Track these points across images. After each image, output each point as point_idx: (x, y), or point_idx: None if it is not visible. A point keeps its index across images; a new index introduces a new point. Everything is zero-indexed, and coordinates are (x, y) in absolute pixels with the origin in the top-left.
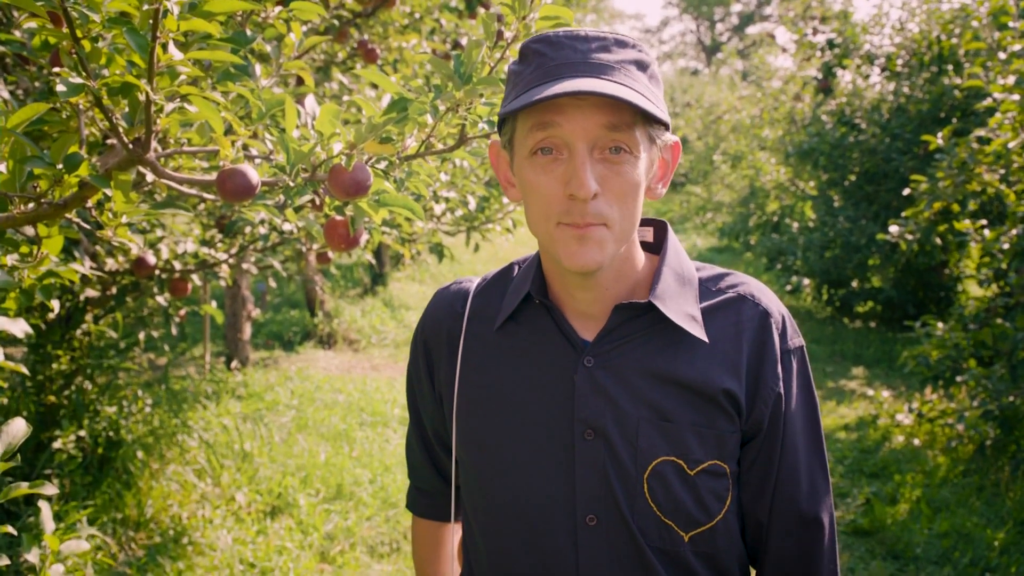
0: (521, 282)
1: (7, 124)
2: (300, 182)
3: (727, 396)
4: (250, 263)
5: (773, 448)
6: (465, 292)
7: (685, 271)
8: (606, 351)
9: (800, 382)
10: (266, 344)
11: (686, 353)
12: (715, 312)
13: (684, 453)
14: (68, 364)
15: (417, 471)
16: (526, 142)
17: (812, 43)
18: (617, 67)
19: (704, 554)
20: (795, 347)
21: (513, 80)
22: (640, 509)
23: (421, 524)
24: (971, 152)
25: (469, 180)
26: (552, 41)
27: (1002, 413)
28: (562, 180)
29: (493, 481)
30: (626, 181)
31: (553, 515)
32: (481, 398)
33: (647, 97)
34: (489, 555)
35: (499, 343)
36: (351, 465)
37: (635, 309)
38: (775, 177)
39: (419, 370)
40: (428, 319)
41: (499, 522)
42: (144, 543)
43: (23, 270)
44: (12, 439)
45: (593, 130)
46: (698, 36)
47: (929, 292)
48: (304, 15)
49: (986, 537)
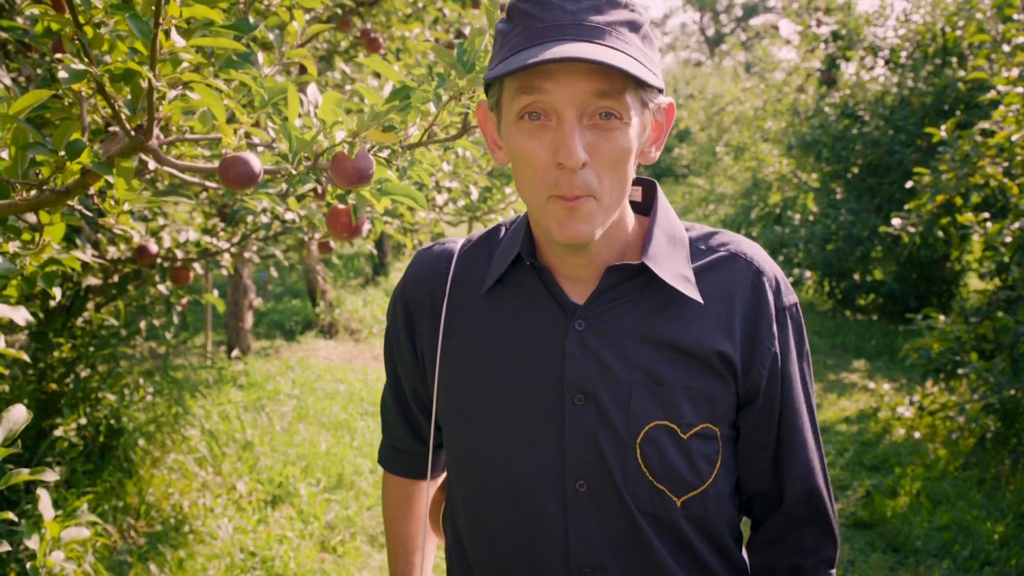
0: (509, 244)
1: (9, 111)
2: (303, 170)
3: (721, 358)
4: (252, 252)
5: (772, 408)
6: (449, 253)
7: (676, 232)
8: (597, 314)
9: (796, 340)
10: (267, 333)
11: (678, 315)
12: (707, 272)
13: (677, 417)
14: (69, 352)
15: (392, 429)
16: (512, 106)
17: (816, 35)
18: (609, 29)
19: (695, 519)
20: (790, 304)
21: (500, 40)
22: (632, 475)
23: (393, 480)
24: (974, 145)
25: (472, 170)
26: (540, 0)
27: (1003, 406)
28: (550, 148)
29: (480, 448)
30: (616, 148)
31: (542, 482)
32: (466, 363)
33: (640, 61)
34: (474, 521)
35: (486, 307)
36: (352, 455)
37: (627, 271)
38: (778, 169)
39: (398, 332)
40: (409, 280)
41: (486, 489)
42: (145, 531)
43: (25, 257)
44: (13, 425)
45: (582, 96)
46: (701, 27)
47: (931, 285)
48: (307, 3)
49: (986, 530)
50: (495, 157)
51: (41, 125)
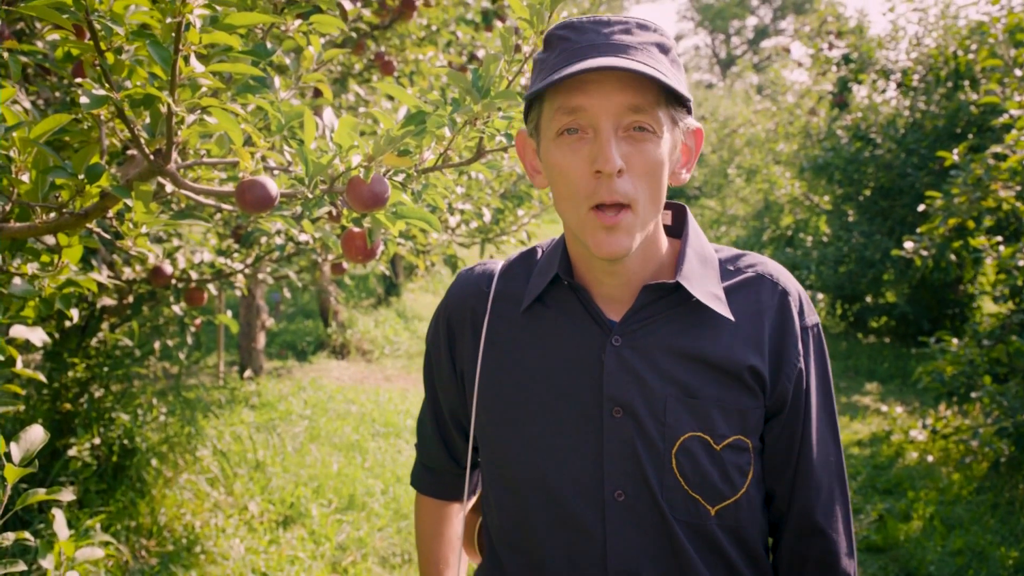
0: (547, 264)
1: (30, 135)
2: (319, 194)
3: (752, 373)
4: (265, 273)
5: (795, 422)
6: (490, 273)
7: (706, 252)
8: (633, 330)
9: (817, 359)
10: (279, 354)
11: (711, 332)
12: (736, 291)
13: (710, 429)
14: (84, 372)
15: (427, 447)
16: (552, 125)
17: (828, 58)
18: (639, 47)
19: (729, 527)
20: (812, 324)
21: (538, 67)
22: (668, 484)
23: (425, 502)
24: (987, 168)
25: (484, 192)
26: (576, 26)
27: (1016, 430)
28: (588, 159)
29: (519, 459)
30: (650, 159)
31: (581, 491)
32: (507, 378)
33: (669, 77)
34: (512, 531)
35: (525, 324)
36: (363, 476)
37: (662, 289)
38: (789, 191)
39: (440, 349)
40: (452, 298)
41: (525, 500)
42: (157, 551)
43: (43, 279)
44: (30, 446)
45: (616, 109)
46: (713, 49)
47: (944, 308)
48: (324, 28)
49: (1000, 555)
50: (534, 182)
51: (60, 148)
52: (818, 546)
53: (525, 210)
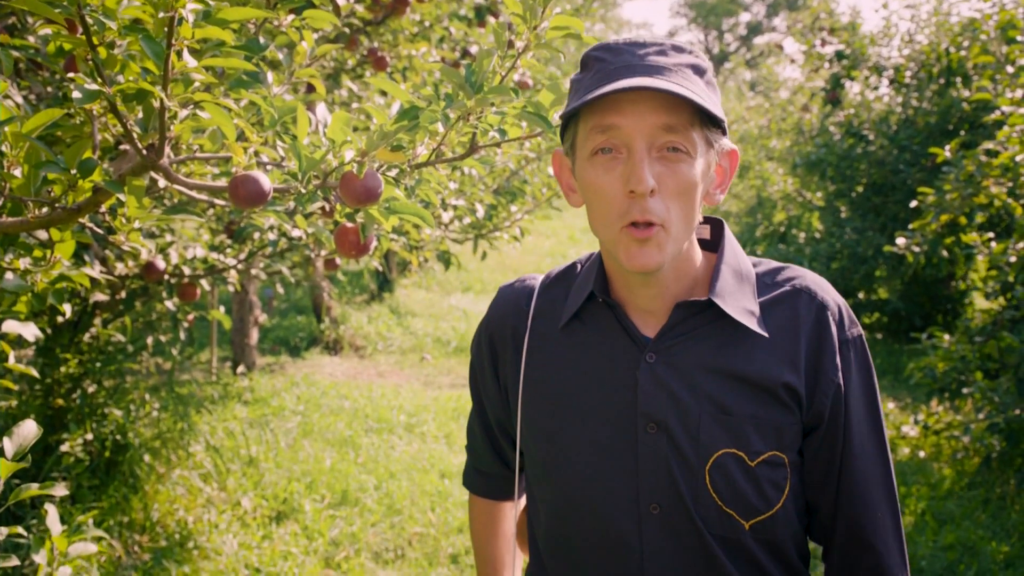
0: (584, 281)
1: (23, 129)
2: (311, 189)
3: (787, 389)
4: (258, 269)
5: (836, 436)
6: (530, 290)
7: (743, 267)
8: (667, 347)
9: (859, 371)
10: (272, 350)
11: (745, 348)
12: (773, 306)
13: (745, 445)
14: (76, 368)
15: (478, 455)
16: (587, 144)
17: (820, 54)
18: (674, 69)
19: (764, 540)
20: (853, 337)
21: (574, 88)
22: (702, 499)
23: (478, 502)
24: (979, 165)
25: (477, 188)
26: (612, 48)
27: (1008, 426)
28: (622, 179)
29: (559, 472)
30: (683, 179)
31: (618, 504)
32: (546, 394)
33: (703, 98)
34: (554, 540)
35: (563, 341)
36: (356, 471)
37: (695, 306)
38: (782, 188)
39: (483, 365)
40: (493, 315)
41: (565, 511)
42: (150, 547)
43: (35, 274)
44: (23, 441)
45: (650, 130)
46: (706, 46)
47: (936, 304)
48: (317, 23)
49: (991, 550)
50: (570, 200)
51: (52, 143)
52: (868, 560)
53: (518, 206)
